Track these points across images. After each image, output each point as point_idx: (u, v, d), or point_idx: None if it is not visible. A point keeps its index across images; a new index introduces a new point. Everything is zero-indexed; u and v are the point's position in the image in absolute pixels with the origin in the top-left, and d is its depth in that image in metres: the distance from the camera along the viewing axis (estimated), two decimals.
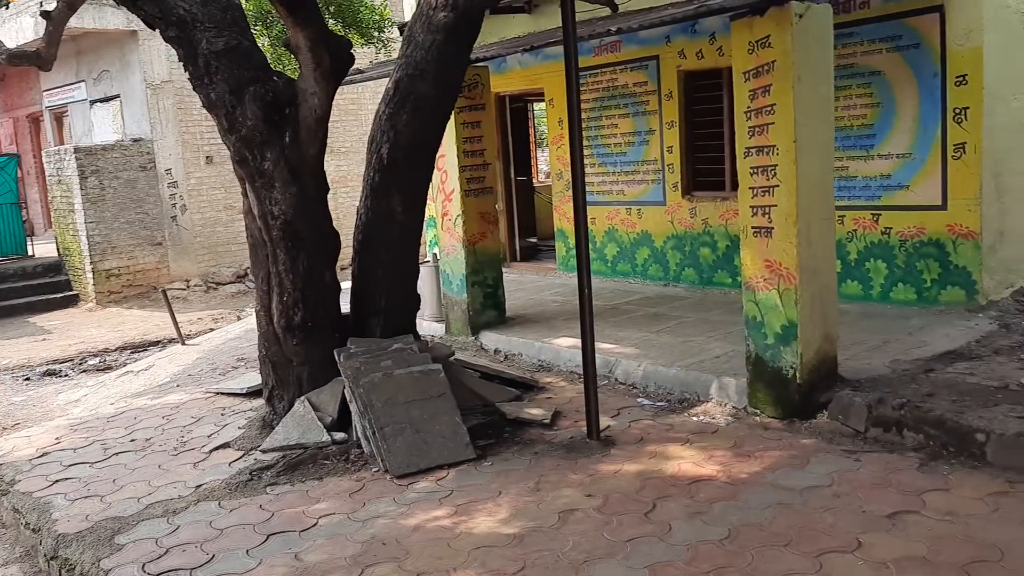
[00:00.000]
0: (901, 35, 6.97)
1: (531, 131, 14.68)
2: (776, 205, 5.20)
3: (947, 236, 6.91)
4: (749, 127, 5.31)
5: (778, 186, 5.17)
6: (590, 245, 7.78)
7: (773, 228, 5.24)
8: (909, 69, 6.97)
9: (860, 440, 4.86)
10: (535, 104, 13.92)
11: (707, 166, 8.85)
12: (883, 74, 7.14)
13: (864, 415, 4.94)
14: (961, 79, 6.66)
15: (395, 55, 9.38)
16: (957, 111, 6.72)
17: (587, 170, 8.38)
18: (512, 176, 11.49)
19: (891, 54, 7.06)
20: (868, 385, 5.22)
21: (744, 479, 4.45)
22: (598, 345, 5.51)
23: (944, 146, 6.83)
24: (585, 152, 6.62)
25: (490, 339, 7.79)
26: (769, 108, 5.15)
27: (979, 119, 6.62)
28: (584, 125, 9.04)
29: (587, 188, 6.10)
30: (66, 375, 10.16)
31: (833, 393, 5.19)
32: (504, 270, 8.64)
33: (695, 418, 5.50)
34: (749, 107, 5.30)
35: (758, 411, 5.42)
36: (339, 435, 5.44)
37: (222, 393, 7.04)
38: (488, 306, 8.08)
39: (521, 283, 10.02)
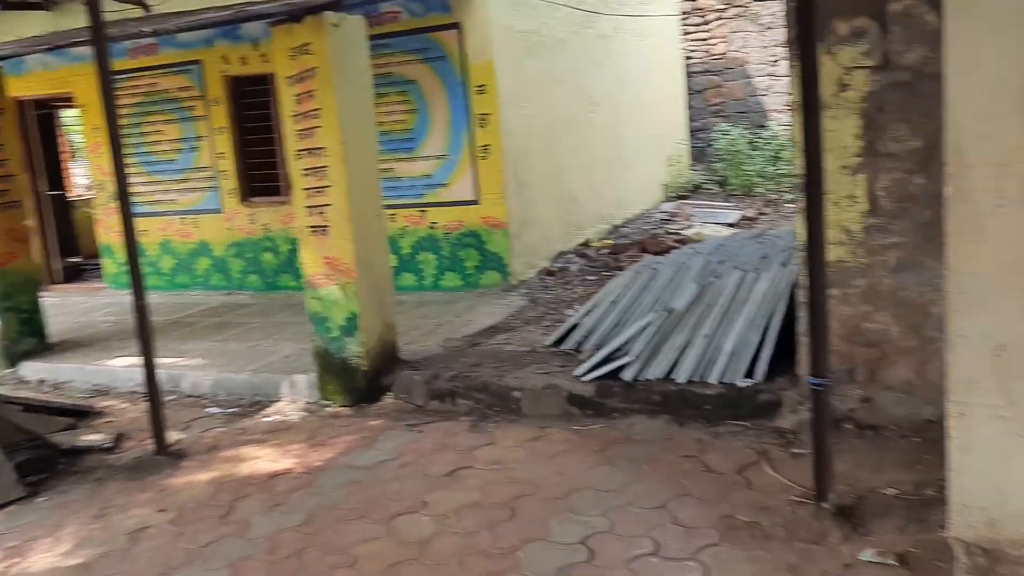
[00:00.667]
0: (428, 48, 7.69)
1: (61, 140, 13.28)
2: (330, 204, 5.44)
3: (482, 227, 7.80)
4: (298, 131, 5.48)
5: (330, 186, 5.41)
6: (144, 259, 7.38)
7: (329, 226, 5.47)
8: (438, 79, 7.73)
9: (422, 413, 5.32)
10: (64, 110, 12.62)
11: (263, 172, 8.86)
12: (417, 83, 7.82)
13: (423, 391, 5.42)
14: (480, 88, 7.57)
15: None
16: (480, 116, 7.62)
17: (133, 180, 7.90)
18: (43, 190, 10.33)
19: (422, 65, 7.75)
20: (425, 364, 5.72)
21: (319, 466, 4.63)
22: (161, 360, 5.30)
23: (473, 148, 7.70)
24: (129, 161, 6.27)
25: (32, 369, 6.98)
26: (314, 112, 5.37)
27: (498, 124, 7.59)
28: (125, 132, 8.49)
29: (135, 199, 5.79)
30: None
31: (396, 375, 5.60)
32: (43, 293, 7.78)
33: (268, 418, 5.54)
34: (296, 111, 5.47)
35: (329, 402, 5.64)
36: None
37: None
38: (25, 333, 7.20)
39: (65, 306, 9.07)
